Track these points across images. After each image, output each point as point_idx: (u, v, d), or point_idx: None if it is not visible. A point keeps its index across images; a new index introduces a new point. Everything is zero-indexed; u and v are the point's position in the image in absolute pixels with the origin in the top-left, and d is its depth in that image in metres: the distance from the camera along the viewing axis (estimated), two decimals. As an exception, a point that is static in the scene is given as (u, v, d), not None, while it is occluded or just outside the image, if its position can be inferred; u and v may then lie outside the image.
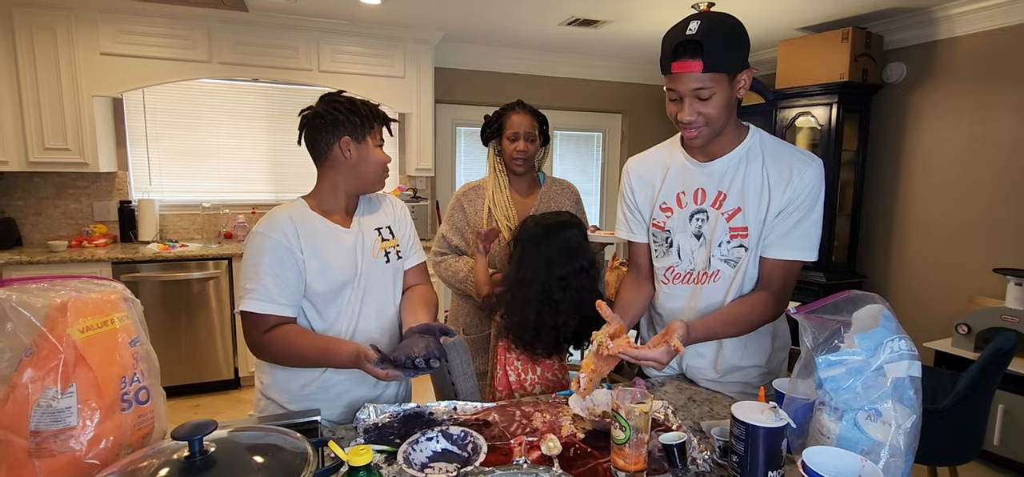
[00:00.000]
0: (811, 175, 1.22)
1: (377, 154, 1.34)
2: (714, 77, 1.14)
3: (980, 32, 3.10)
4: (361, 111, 1.31)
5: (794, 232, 1.23)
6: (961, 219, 3.24)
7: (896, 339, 0.91)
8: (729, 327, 1.24)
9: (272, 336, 1.22)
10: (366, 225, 1.39)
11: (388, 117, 1.39)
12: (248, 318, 1.23)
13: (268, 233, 1.24)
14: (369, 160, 1.33)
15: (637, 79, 4.88)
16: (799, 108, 3.63)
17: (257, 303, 1.21)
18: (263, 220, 1.28)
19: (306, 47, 3.62)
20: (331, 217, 1.33)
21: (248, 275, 1.24)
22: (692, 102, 1.18)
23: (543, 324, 1.42)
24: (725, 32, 1.15)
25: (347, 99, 1.32)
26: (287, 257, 1.24)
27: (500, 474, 0.91)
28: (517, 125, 1.85)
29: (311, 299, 1.28)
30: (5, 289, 0.78)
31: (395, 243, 1.43)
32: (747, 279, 1.29)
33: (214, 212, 3.90)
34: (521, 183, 1.93)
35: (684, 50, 1.14)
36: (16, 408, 0.77)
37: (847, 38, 3.30)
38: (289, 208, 1.31)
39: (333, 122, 1.29)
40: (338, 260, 1.30)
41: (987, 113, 3.09)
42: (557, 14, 3.45)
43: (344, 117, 1.29)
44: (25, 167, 3.21)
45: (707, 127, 1.21)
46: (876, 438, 0.88)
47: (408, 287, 1.47)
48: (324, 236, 1.30)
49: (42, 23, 3.10)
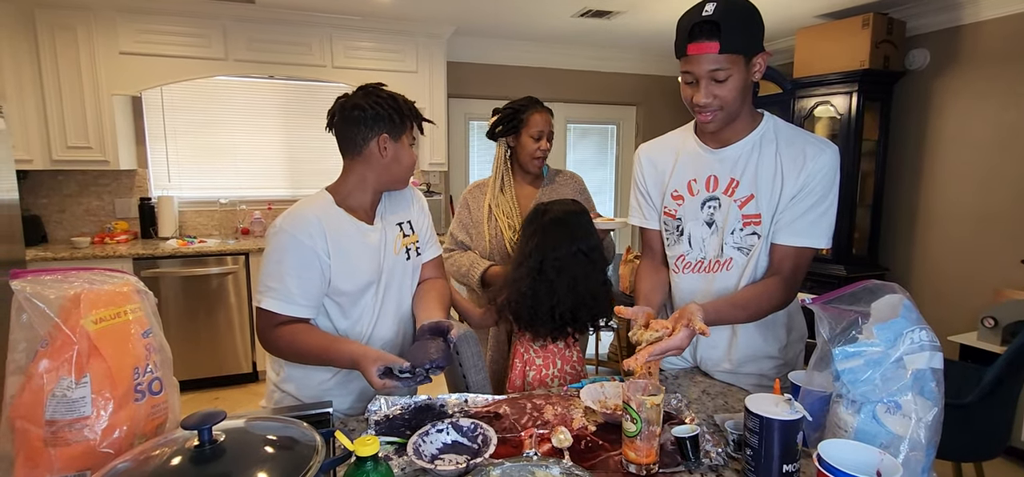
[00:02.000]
0: (826, 160, 1.20)
1: (410, 154, 1.32)
2: (731, 58, 1.13)
3: (1007, 16, 3.00)
4: (402, 109, 1.28)
5: (806, 217, 1.21)
6: (987, 209, 3.15)
7: (917, 330, 0.88)
8: (738, 311, 1.22)
9: (282, 331, 1.22)
10: (389, 220, 1.37)
11: (423, 116, 1.36)
12: (264, 313, 1.22)
13: (294, 233, 1.21)
14: (403, 160, 1.31)
15: (651, 71, 4.82)
16: (818, 97, 3.55)
17: (276, 303, 1.20)
18: (289, 216, 1.24)
19: (319, 43, 3.64)
20: (356, 213, 1.30)
21: (270, 272, 1.21)
22: (708, 84, 1.16)
23: (540, 303, 1.40)
24: (741, 13, 1.14)
25: (388, 94, 1.29)
26: (312, 260, 1.21)
27: (510, 466, 0.91)
28: (542, 124, 1.85)
29: (335, 298, 1.27)
30: (20, 281, 0.80)
31: (415, 239, 1.42)
32: (760, 268, 1.27)
33: (231, 208, 3.95)
34: (527, 178, 1.93)
35: (700, 31, 1.13)
36: (32, 398, 0.78)
37: (868, 24, 3.22)
38: (315, 205, 1.27)
39: (374, 117, 1.25)
40: (364, 260, 1.29)
41: (1015, 100, 3.00)
42: (570, 6, 3.42)
43: (386, 113, 1.26)
44: (49, 166, 3.28)
45: (722, 111, 1.19)
46: (896, 431, 0.86)
47: (423, 280, 1.47)
48: (351, 235, 1.27)
49: (63, 23, 3.16)
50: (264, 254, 1.25)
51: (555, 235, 1.42)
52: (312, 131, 4.05)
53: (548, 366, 1.49)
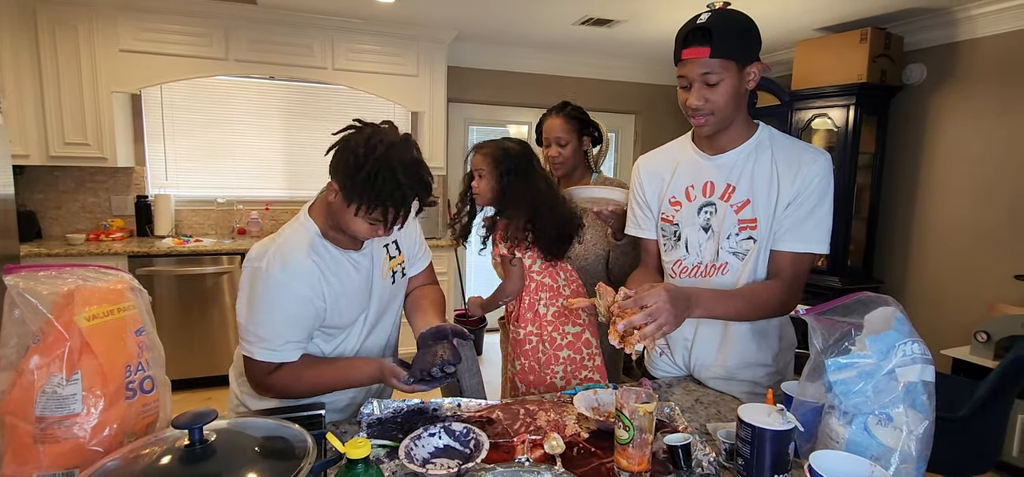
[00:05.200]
0: (819, 166, 1.23)
1: (358, 225, 1.12)
2: (723, 63, 1.17)
3: (1003, 33, 3.02)
4: (356, 180, 1.05)
5: (804, 225, 1.23)
6: (982, 224, 3.17)
7: (909, 342, 0.88)
8: (735, 300, 1.23)
9: (279, 375, 1.16)
10: (376, 243, 1.29)
11: (399, 207, 1.09)
12: (256, 364, 1.14)
13: (288, 282, 1.12)
14: (345, 224, 1.14)
15: (651, 79, 4.84)
16: (816, 109, 3.57)
17: (271, 353, 1.13)
18: (279, 259, 1.12)
19: (321, 45, 3.64)
20: (341, 243, 1.21)
21: (261, 321, 1.12)
22: (700, 88, 1.20)
23: (544, 220, 1.55)
24: (734, 23, 1.18)
25: (365, 156, 1.06)
26: (308, 308, 1.15)
27: (502, 471, 0.91)
28: (548, 130, 1.89)
29: (324, 330, 1.22)
30: (13, 276, 0.80)
31: (401, 260, 1.37)
32: (757, 273, 1.28)
33: (228, 208, 3.94)
34: (570, 182, 1.92)
35: (694, 37, 1.18)
36: (22, 394, 0.78)
37: (866, 39, 3.24)
38: (305, 245, 1.16)
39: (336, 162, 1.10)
40: (356, 293, 1.24)
41: (1010, 116, 3.02)
42: (571, 13, 3.43)
43: (343, 168, 1.08)
44: (45, 161, 3.27)
45: (714, 116, 1.22)
46: (887, 443, 0.86)
47: (414, 288, 1.44)
48: (345, 268, 1.21)
49: (64, 20, 3.16)
50: (249, 295, 1.13)
51: (527, 170, 1.57)
52: (311, 132, 4.05)
53: (555, 279, 1.62)
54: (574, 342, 1.60)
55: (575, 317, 1.62)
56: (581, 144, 1.91)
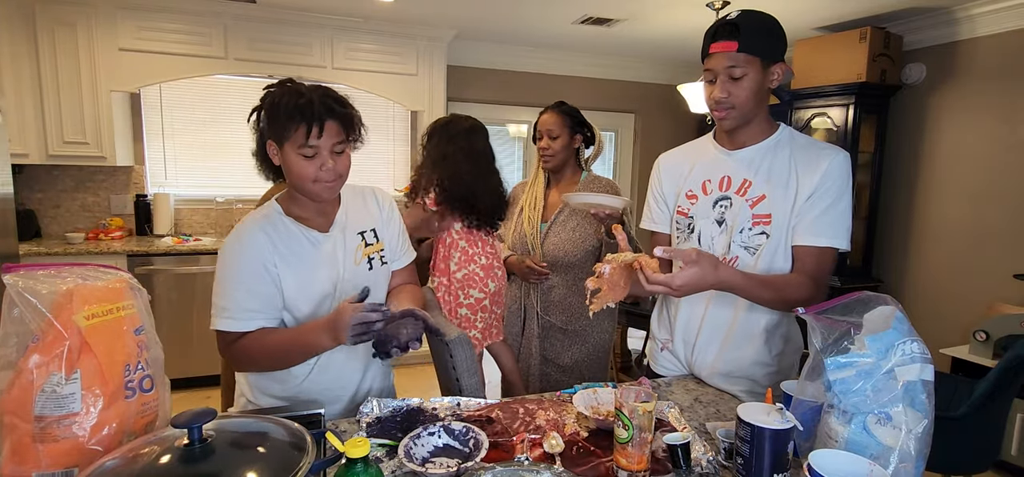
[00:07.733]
0: (839, 162, 1.26)
1: (301, 163, 1.13)
2: (747, 58, 1.22)
3: (1002, 32, 3.02)
4: (278, 105, 1.12)
5: (824, 218, 1.24)
6: (981, 223, 3.17)
7: (908, 341, 0.88)
8: (758, 284, 1.21)
9: (241, 344, 1.17)
10: (350, 228, 1.28)
11: (321, 114, 1.11)
12: (219, 334, 1.17)
13: (241, 250, 1.16)
14: (293, 169, 1.15)
15: (650, 79, 4.84)
16: (815, 109, 3.57)
17: (229, 321, 1.15)
18: (235, 229, 1.19)
19: (320, 44, 3.64)
20: (307, 221, 1.23)
21: (219, 291, 1.16)
22: (724, 81, 1.24)
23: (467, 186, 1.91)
24: (762, 21, 1.25)
25: (279, 88, 1.15)
26: (259, 270, 1.16)
27: (501, 470, 0.91)
28: (541, 124, 2.00)
29: (290, 310, 1.22)
30: (12, 275, 0.79)
31: (380, 247, 1.33)
32: (766, 268, 1.28)
33: (227, 207, 3.94)
34: (560, 178, 2.04)
35: (722, 32, 1.24)
36: (21, 393, 0.78)
37: (865, 38, 3.24)
38: (261, 216, 1.21)
39: (261, 117, 1.17)
40: (316, 271, 1.22)
41: (1009, 115, 3.02)
42: (570, 12, 3.43)
43: (266, 113, 1.15)
44: (45, 160, 3.27)
45: (735, 110, 1.26)
46: (886, 442, 0.86)
47: (394, 285, 1.41)
48: (300, 243, 1.21)
49: (63, 19, 3.16)
50: (216, 273, 1.18)
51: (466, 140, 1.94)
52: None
53: (472, 247, 1.96)
54: (474, 306, 1.96)
55: (481, 285, 1.96)
56: (572, 141, 2.00)
